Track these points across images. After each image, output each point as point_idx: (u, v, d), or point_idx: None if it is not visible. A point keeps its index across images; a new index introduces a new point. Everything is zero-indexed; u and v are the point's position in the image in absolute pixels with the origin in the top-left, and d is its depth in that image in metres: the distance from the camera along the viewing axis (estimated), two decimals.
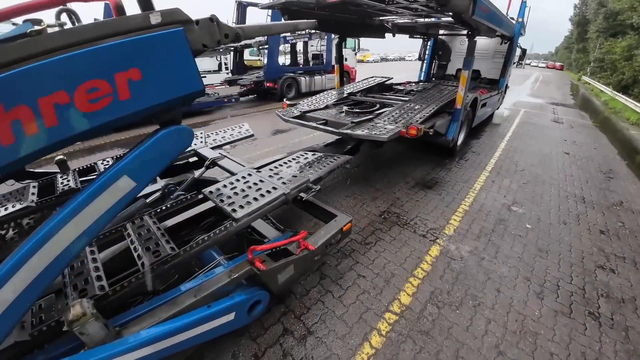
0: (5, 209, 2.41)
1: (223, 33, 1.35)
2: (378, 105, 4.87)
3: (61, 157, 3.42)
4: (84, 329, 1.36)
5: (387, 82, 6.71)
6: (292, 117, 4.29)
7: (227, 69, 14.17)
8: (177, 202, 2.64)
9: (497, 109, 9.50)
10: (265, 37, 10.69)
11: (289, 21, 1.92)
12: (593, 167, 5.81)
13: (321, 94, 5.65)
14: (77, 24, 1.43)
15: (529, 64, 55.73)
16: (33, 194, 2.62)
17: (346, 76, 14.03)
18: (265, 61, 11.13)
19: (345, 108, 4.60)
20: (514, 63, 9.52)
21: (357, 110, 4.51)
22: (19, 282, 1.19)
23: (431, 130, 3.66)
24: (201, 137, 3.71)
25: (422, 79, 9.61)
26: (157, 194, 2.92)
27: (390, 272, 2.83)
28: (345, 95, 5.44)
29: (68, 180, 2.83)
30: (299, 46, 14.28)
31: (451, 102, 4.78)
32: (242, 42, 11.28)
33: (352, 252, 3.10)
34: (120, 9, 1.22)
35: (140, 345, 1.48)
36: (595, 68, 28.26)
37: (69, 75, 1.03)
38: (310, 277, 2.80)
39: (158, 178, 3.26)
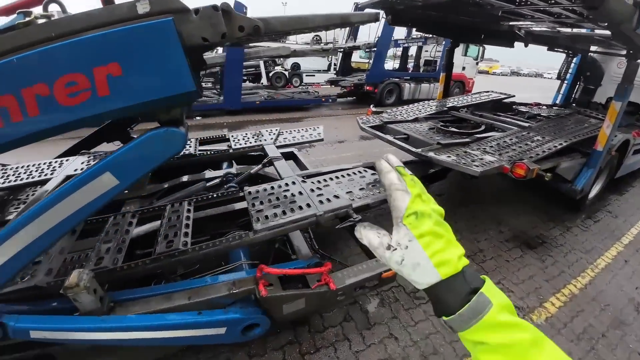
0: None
1: (237, 25, 1.10)
2: (483, 127, 3.92)
3: None
4: (77, 297, 1.40)
5: (505, 100, 5.46)
6: (370, 127, 3.82)
7: (335, 69, 14.42)
8: (221, 194, 2.56)
9: None
10: (375, 39, 10.34)
11: (333, 13, 1.45)
12: None
13: (417, 104, 4.95)
14: (64, 15, 1.34)
15: None
16: None
17: (460, 87, 12.53)
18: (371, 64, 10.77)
19: (439, 124, 3.84)
20: None
21: (453, 129, 3.70)
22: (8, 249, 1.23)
23: (549, 174, 2.65)
24: (272, 135, 3.62)
25: (557, 102, 7.66)
26: (217, 180, 2.95)
27: (432, 347, 2.14)
28: (445, 109, 4.61)
29: None
30: (413, 51, 13.42)
31: (589, 140, 3.47)
32: (351, 44, 11.23)
33: (394, 302, 2.51)
34: None
35: (121, 328, 1.49)
36: None
37: (48, 67, 1.00)
38: (335, 311, 2.40)
39: (227, 164, 3.34)
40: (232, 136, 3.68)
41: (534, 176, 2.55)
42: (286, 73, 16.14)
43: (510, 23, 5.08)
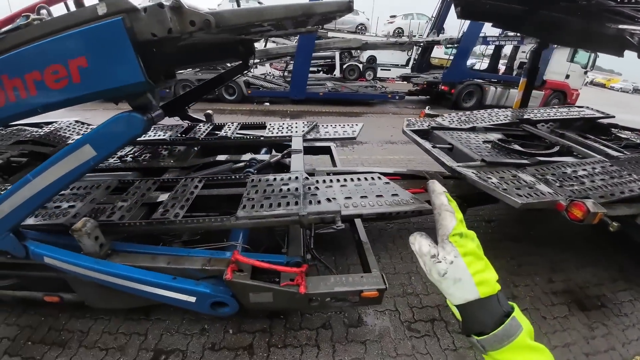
0: (154, 135, 3.35)
1: (187, 20, 1.20)
2: (557, 149, 3.18)
3: (209, 111, 4.20)
4: (80, 239, 1.70)
5: (600, 120, 4.35)
6: (413, 130, 3.43)
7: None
8: (230, 177, 2.62)
9: None
10: (460, 34, 9.28)
11: (295, 2, 1.29)
12: None
13: (485, 110, 4.27)
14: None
15: None
16: (177, 132, 3.45)
17: (560, 98, 10.59)
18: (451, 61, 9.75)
19: (496, 137, 3.24)
20: None
21: (515, 146, 3.08)
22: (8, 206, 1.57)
23: (616, 223, 1.96)
24: (305, 128, 3.54)
25: None
26: (242, 163, 3.09)
27: None
28: (516, 120, 3.87)
29: (200, 131, 3.46)
30: (507, 50, 11.75)
31: None
32: (431, 38, 10.31)
33: (382, 325, 2.27)
34: (78, 2, 1.41)
35: (109, 273, 1.76)
36: None
37: (40, 59, 1.27)
38: (317, 315, 2.34)
39: (265, 149, 3.44)
40: (270, 124, 3.74)
41: (596, 222, 1.95)
42: (360, 66, 15.78)
43: (620, 26, 3.96)
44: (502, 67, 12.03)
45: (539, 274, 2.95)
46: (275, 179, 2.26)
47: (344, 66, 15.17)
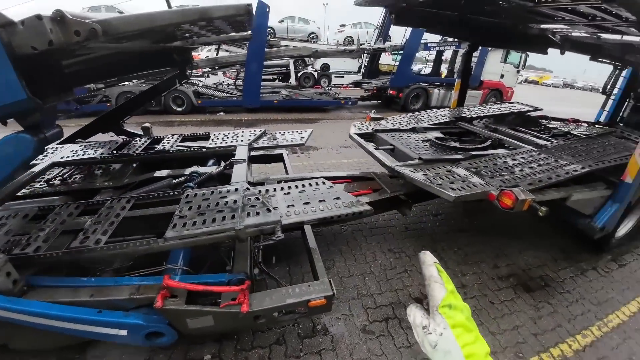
0: (84, 154, 3.02)
1: (72, 30, 1.13)
2: (489, 143, 3.42)
3: (147, 124, 3.93)
4: None
5: (530, 114, 4.80)
6: (359, 134, 3.49)
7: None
8: (162, 194, 2.45)
9: None
10: (403, 41, 9.82)
11: (192, 7, 1.26)
12: None
13: (425, 111, 4.51)
14: None
15: None
16: (110, 148, 3.14)
17: (497, 96, 11.59)
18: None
19: (434, 136, 3.40)
20: None
21: (449, 143, 3.26)
22: None
23: (544, 208, 2.13)
24: (252, 136, 3.45)
25: (601, 120, 6.71)
26: (182, 178, 2.92)
27: None
28: (452, 119, 4.12)
29: (136, 146, 3.20)
30: (448, 55, 12.64)
31: (618, 168, 2.86)
32: (377, 46, 10.79)
33: (339, 331, 2.21)
34: None
35: (24, 312, 1.57)
36: None
37: None
38: (271, 331, 2.22)
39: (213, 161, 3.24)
40: (214, 135, 3.60)
41: (526, 208, 2.10)
42: (315, 73, 16.05)
43: (542, 26, 4.46)
44: (445, 71, 12.91)
45: (484, 261, 3.12)
46: (212, 193, 2.14)
47: (299, 74, 15.35)
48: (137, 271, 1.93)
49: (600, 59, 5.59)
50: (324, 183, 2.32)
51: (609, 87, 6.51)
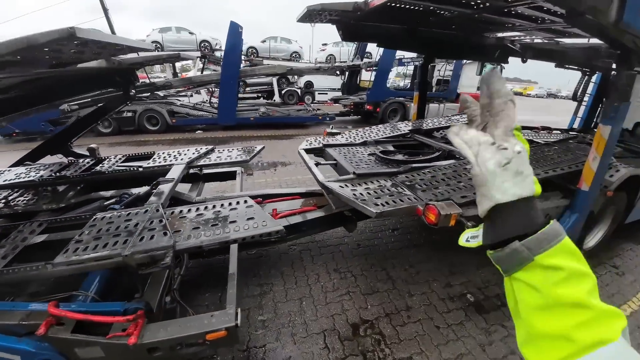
0: (25, 176, 2.93)
1: None
2: (437, 154, 3.31)
3: (93, 146, 3.82)
4: None
5: None
6: (304, 149, 3.37)
7: None
8: (75, 217, 2.34)
9: None
10: (377, 57, 9.97)
11: (21, 36, 1.16)
12: None
13: (383, 125, 4.44)
14: None
15: None
16: (52, 170, 3.05)
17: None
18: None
19: (378, 150, 3.28)
20: None
21: (393, 156, 3.13)
22: None
23: (472, 224, 1.97)
24: (195, 154, 3.32)
25: (575, 126, 6.72)
26: (113, 200, 2.80)
27: None
28: (406, 131, 4.03)
29: (77, 168, 3.15)
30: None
31: (576, 175, 2.74)
32: (352, 63, 10.97)
33: None
34: None
35: None
36: None
37: None
38: None
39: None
40: (158, 154, 3.48)
41: (453, 223, 1.94)
42: (298, 91, 16.27)
43: (498, 35, 4.48)
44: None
45: (437, 279, 2.93)
46: (120, 216, 1.98)
47: (283, 92, 15.52)
48: (47, 296, 1.79)
49: (566, 66, 5.64)
50: (245, 202, 2.16)
51: (579, 93, 6.54)
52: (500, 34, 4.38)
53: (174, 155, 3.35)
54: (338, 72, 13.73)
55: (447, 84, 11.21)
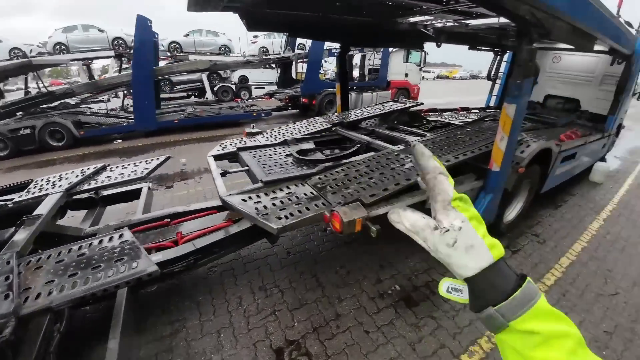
0: None
1: None
2: (356, 147, 3.20)
3: None
4: None
5: (413, 109, 4.82)
6: (215, 155, 3.01)
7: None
8: None
9: (603, 158, 6.45)
10: (307, 49, 9.76)
11: None
12: None
13: (306, 120, 4.23)
14: None
15: None
16: None
17: (405, 94, 12.17)
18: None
19: (294, 151, 3.04)
20: (635, 94, 6.41)
21: (310, 155, 2.96)
22: None
23: (377, 228, 1.82)
24: (80, 176, 2.76)
25: (491, 104, 7.26)
26: None
27: None
28: (329, 125, 3.88)
29: None
30: (357, 60, 13.00)
31: (488, 155, 2.80)
32: (281, 55, 10.64)
33: None
34: None
35: None
36: None
37: None
38: None
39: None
40: (35, 182, 2.85)
41: (359, 229, 1.80)
42: (232, 86, 15.44)
43: (410, 20, 4.52)
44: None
45: (367, 277, 2.84)
46: None
47: (216, 88, 14.57)
48: None
49: (479, 48, 5.97)
50: (120, 237, 1.77)
51: (493, 73, 7.04)
52: (412, 19, 4.42)
53: (53, 182, 2.75)
54: (274, 65, 13.28)
55: (378, 73, 11.45)
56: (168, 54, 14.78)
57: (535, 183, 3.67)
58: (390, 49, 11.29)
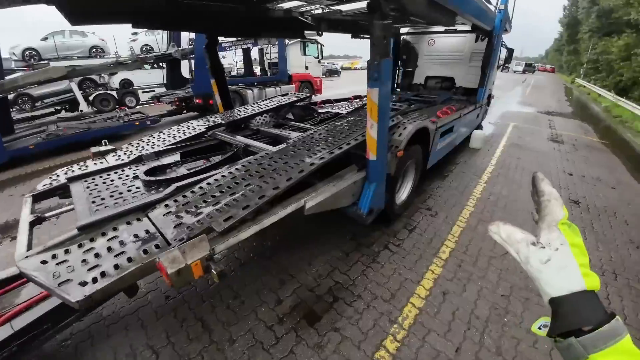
0: None
1: None
2: (230, 153, 2.74)
3: None
4: None
5: (302, 103, 4.57)
6: (34, 194, 2.20)
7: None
8: None
9: (479, 126, 7.37)
10: (191, 44, 8.73)
11: None
12: (618, 230, 3.64)
13: (176, 127, 3.57)
14: None
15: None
16: None
17: (309, 87, 12.10)
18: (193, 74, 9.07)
19: (142, 172, 2.40)
20: (499, 67, 7.45)
21: (175, 171, 2.41)
22: None
23: (219, 269, 1.43)
24: None
25: None
26: None
27: None
28: (203, 130, 3.31)
29: None
30: (255, 54, 12.36)
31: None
32: (160, 53, 9.37)
33: None
34: None
35: None
36: (589, 69, 27.63)
37: None
38: None
39: None
40: None
41: (198, 276, 1.37)
42: (113, 93, 13.17)
43: (284, 6, 4.17)
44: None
45: (265, 301, 2.46)
46: None
47: (92, 97, 12.19)
48: None
49: (361, 36, 5.99)
50: None
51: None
52: (283, 4, 4.08)
53: None
54: (163, 65, 11.64)
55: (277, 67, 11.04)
56: (21, 63, 11.88)
57: (419, 161, 3.78)
58: (286, 41, 10.99)
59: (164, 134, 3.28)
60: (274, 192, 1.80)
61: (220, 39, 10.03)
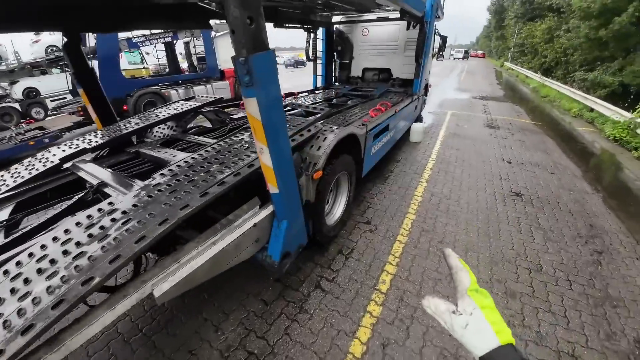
0: None
1: None
2: (72, 202, 1.96)
3: None
4: None
5: (211, 108, 3.79)
6: None
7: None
8: None
9: (419, 118, 7.20)
10: (94, 42, 7.32)
11: None
12: (565, 224, 3.51)
13: (28, 160, 2.63)
14: None
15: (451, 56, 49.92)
16: None
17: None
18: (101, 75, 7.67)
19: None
20: (434, 55, 7.27)
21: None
22: None
23: None
24: None
25: (319, 85, 7.00)
26: None
27: None
28: (56, 163, 2.43)
29: None
30: (180, 48, 11.06)
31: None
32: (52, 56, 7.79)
33: None
34: None
35: None
36: (516, 53, 29.79)
37: None
38: None
39: None
40: None
41: None
42: (16, 106, 10.96)
43: None
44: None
45: (203, 341, 1.79)
46: None
47: None
48: None
49: (287, 25, 5.29)
50: None
51: (310, 52, 6.60)
52: None
53: None
54: (66, 69, 9.85)
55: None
56: None
57: (352, 170, 3.24)
58: (213, 33, 9.90)
59: (15, 168, 2.36)
60: (100, 278, 1.12)
61: (135, 32, 8.73)
